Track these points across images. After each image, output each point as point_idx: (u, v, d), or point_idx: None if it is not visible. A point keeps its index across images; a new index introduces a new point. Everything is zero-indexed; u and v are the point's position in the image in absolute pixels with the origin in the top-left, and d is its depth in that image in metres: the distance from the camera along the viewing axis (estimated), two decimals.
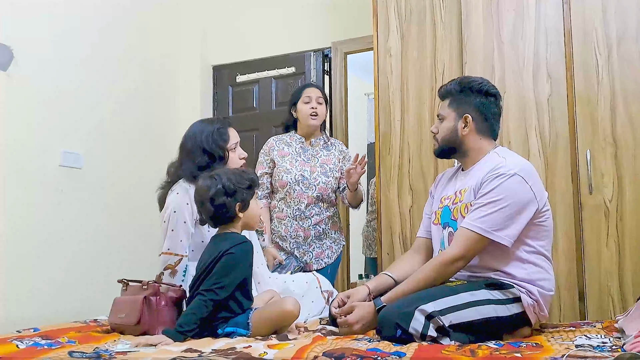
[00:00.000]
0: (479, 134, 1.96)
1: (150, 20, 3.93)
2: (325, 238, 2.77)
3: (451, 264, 1.80)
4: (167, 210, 2.06)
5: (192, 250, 2.06)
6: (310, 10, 4.00)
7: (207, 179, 1.83)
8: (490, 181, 1.82)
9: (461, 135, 1.96)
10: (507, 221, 1.77)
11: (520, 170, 1.81)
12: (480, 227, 1.78)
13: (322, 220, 2.75)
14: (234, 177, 1.83)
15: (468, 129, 1.95)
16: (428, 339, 1.62)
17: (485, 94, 1.96)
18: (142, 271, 2.68)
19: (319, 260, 2.75)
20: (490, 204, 1.79)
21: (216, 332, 1.75)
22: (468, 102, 1.96)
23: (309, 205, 2.71)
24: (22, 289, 2.96)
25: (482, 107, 1.95)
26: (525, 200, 1.79)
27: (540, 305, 1.80)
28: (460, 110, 1.96)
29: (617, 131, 2.42)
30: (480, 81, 1.98)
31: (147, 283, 1.87)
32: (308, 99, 2.75)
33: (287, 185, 2.70)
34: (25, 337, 1.69)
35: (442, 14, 2.79)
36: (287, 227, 2.72)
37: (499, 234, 1.77)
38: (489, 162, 1.90)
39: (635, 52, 2.42)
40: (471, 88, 1.96)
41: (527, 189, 1.80)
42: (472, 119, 1.94)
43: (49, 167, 3.15)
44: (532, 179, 1.83)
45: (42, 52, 3.14)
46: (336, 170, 2.79)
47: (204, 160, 2.10)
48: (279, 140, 2.84)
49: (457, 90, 1.99)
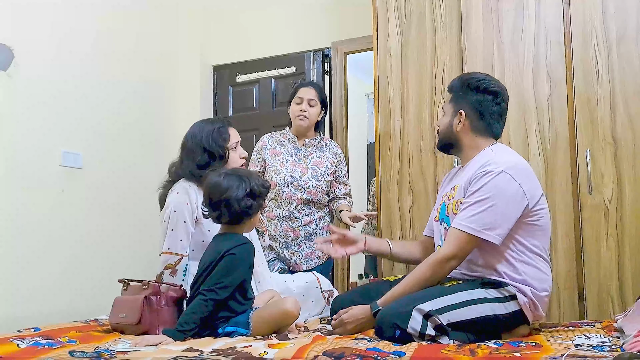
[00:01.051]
0: (473, 131, 1.95)
1: (150, 20, 3.93)
2: (315, 238, 2.68)
3: (444, 263, 1.80)
4: (167, 209, 2.06)
5: (193, 249, 2.06)
6: (310, 10, 4.00)
7: (234, 178, 1.82)
8: (478, 179, 1.81)
9: (455, 131, 1.96)
10: (496, 219, 1.77)
11: (508, 167, 1.80)
12: (469, 227, 1.78)
13: (312, 221, 2.72)
14: (258, 180, 1.85)
15: (461, 125, 1.95)
16: (427, 338, 1.62)
17: (483, 92, 1.93)
18: (143, 271, 2.69)
19: (309, 260, 2.71)
20: (478, 203, 1.79)
21: (216, 331, 1.75)
22: (465, 98, 1.95)
23: (298, 206, 2.69)
24: (22, 289, 2.96)
25: (478, 105, 1.93)
26: (513, 198, 1.78)
27: (534, 304, 1.80)
28: (457, 106, 1.96)
29: (616, 131, 2.43)
30: (481, 78, 1.96)
31: (148, 283, 1.87)
32: (299, 100, 2.73)
33: (277, 186, 2.68)
34: (26, 336, 1.69)
35: (442, 14, 2.79)
36: (277, 227, 2.70)
37: (489, 233, 1.76)
38: (480, 159, 1.89)
39: (635, 52, 2.43)
40: (469, 85, 1.95)
41: (516, 187, 1.78)
42: (465, 115, 1.94)
43: (49, 167, 3.16)
44: (522, 177, 1.81)
45: (42, 52, 3.15)
46: (328, 174, 2.74)
47: (204, 158, 2.10)
48: (272, 138, 2.83)
49: (458, 86, 1.98)
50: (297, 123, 2.74)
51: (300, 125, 2.73)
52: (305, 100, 2.72)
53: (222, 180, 1.81)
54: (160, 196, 2.18)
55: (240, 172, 1.89)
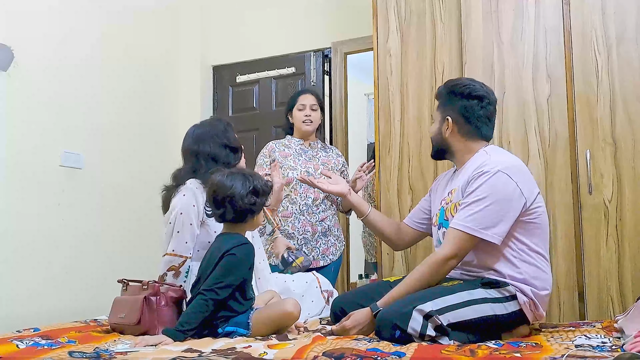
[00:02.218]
0: (463, 136, 1.97)
1: (150, 21, 3.94)
2: (329, 235, 2.81)
3: (444, 263, 1.81)
4: (173, 211, 2.05)
5: (198, 250, 2.06)
6: (310, 10, 4.00)
7: (239, 176, 1.84)
8: (475, 180, 1.83)
9: (444, 137, 2.00)
10: (495, 219, 1.78)
11: (504, 167, 1.81)
12: (467, 226, 1.78)
13: (327, 217, 2.80)
14: (261, 180, 1.88)
15: (450, 131, 1.98)
16: (427, 339, 1.62)
17: (468, 97, 1.95)
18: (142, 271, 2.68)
19: (325, 256, 2.78)
20: (475, 203, 1.80)
21: (216, 331, 1.75)
22: (451, 105, 1.98)
23: (316, 200, 2.76)
24: (22, 289, 2.96)
25: (464, 110, 1.95)
26: (510, 197, 1.79)
27: (535, 303, 1.80)
28: (444, 113, 2.00)
29: (616, 131, 2.43)
30: (466, 84, 1.98)
31: (147, 283, 1.87)
32: (302, 107, 2.84)
33: (293, 180, 2.73)
34: (26, 337, 1.69)
35: (442, 15, 2.79)
36: (294, 223, 2.74)
37: (488, 232, 1.77)
38: (475, 161, 1.91)
39: (634, 52, 2.43)
40: (454, 91, 1.98)
41: (513, 186, 1.79)
42: (452, 121, 1.96)
43: (49, 167, 3.16)
44: (519, 175, 1.82)
45: (42, 52, 3.15)
46: (336, 170, 2.84)
47: (222, 153, 2.13)
48: (278, 143, 2.89)
49: (444, 93, 2.02)
50: (304, 128, 2.83)
51: (307, 130, 2.84)
52: (307, 106, 2.83)
53: (226, 179, 1.82)
54: (164, 198, 2.17)
55: (244, 171, 1.91)
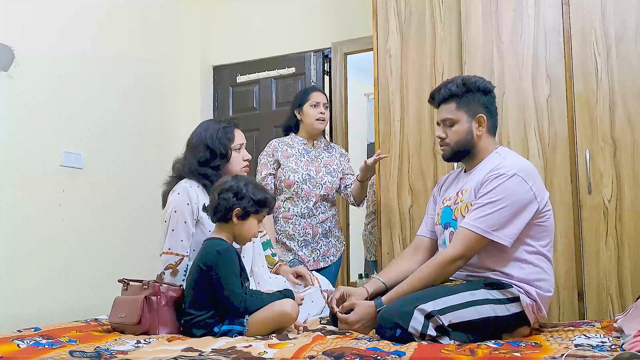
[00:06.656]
0: (489, 132, 1.97)
1: (151, 21, 3.94)
2: (330, 236, 2.82)
3: (451, 263, 1.81)
4: (167, 209, 2.06)
5: (194, 249, 2.06)
6: (310, 10, 4.00)
7: (232, 177, 1.91)
8: (490, 181, 1.83)
9: (476, 136, 1.95)
10: (507, 221, 1.78)
11: (520, 170, 1.82)
12: (479, 227, 1.78)
13: (327, 218, 2.80)
14: (251, 186, 1.88)
15: (483, 128, 1.95)
16: (427, 339, 1.62)
17: (488, 92, 1.97)
18: (143, 271, 2.69)
19: (326, 258, 2.79)
20: (489, 204, 1.80)
21: (212, 330, 1.75)
22: (476, 101, 1.95)
23: (317, 203, 2.76)
24: (22, 289, 2.97)
25: (489, 105, 1.97)
26: (525, 200, 1.79)
27: (538, 305, 1.80)
28: (471, 111, 1.94)
29: (616, 131, 2.43)
30: (481, 79, 1.98)
31: (148, 283, 1.87)
32: (316, 104, 2.80)
33: (295, 184, 2.73)
34: (26, 336, 1.69)
35: (442, 15, 2.79)
36: (295, 225, 2.74)
37: (498, 234, 1.77)
38: (489, 163, 1.91)
39: (634, 52, 2.43)
40: (477, 87, 1.95)
41: (527, 189, 1.80)
42: (485, 118, 1.94)
43: (49, 167, 3.16)
44: (533, 178, 1.83)
45: (42, 52, 3.15)
46: (338, 171, 2.84)
47: (205, 155, 2.12)
48: (281, 142, 2.86)
49: (462, 91, 1.95)
50: (317, 126, 2.82)
51: (319, 127, 2.84)
52: (321, 104, 2.82)
53: (232, 178, 1.89)
54: (164, 193, 2.19)
55: (247, 178, 1.94)
